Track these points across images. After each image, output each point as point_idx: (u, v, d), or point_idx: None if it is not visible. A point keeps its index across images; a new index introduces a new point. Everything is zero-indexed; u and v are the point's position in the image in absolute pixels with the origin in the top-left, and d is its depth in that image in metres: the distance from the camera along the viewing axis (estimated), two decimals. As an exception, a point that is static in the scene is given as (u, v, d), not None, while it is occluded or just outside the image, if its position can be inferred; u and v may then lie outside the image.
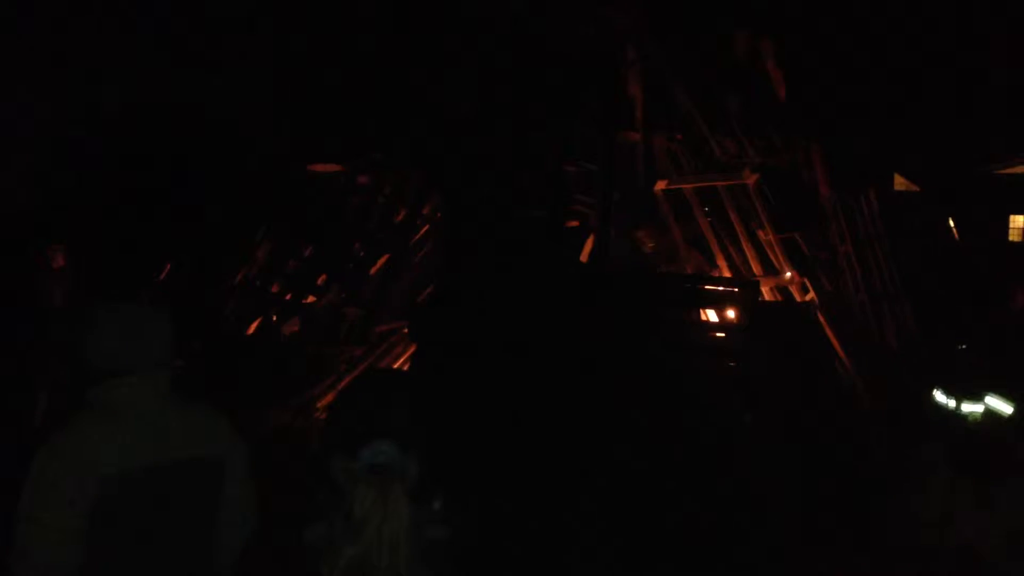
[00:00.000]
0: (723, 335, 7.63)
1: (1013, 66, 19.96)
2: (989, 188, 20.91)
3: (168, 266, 8.50)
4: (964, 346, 4.49)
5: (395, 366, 7.73)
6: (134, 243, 9.40)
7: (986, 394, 4.30)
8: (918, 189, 18.46)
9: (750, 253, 8.31)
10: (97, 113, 10.17)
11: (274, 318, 7.91)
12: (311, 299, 8.09)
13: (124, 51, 9.46)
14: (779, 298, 8.21)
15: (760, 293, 7.52)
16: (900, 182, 18.23)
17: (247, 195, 9.01)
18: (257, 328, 7.95)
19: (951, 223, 9.06)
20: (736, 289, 7.36)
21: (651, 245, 8.80)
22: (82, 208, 9.66)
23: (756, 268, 8.23)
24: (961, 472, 2.21)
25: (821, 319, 7.87)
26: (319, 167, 9.02)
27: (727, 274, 8.18)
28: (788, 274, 8.19)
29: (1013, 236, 21.26)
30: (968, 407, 3.29)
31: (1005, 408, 4.15)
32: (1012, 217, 21.43)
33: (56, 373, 5.58)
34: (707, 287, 7.74)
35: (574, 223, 8.50)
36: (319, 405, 7.32)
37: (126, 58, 9.56)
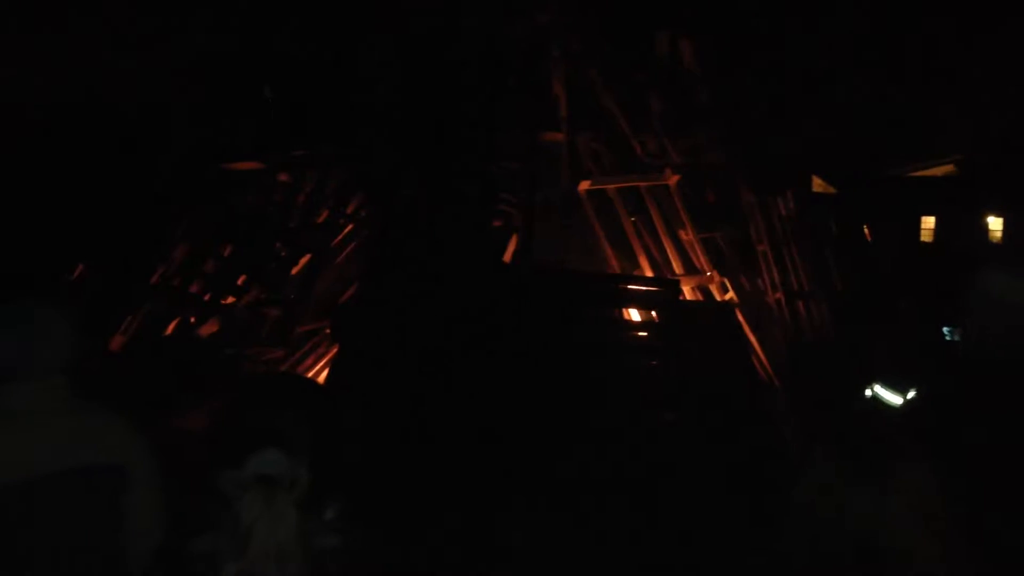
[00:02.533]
0: (645, 334, 7.73)
1: (926, 69, 20.64)
2: (902, 190, 21.62)
3: (80, 266, 8.24)
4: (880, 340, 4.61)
5: (317, 367, 7.64)
6: (40, 242, 9.10)
7: (878, 384, 4.43)
8: (834, 191, 18.97)
9: (672, 252, 8.42)
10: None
11: (192, 319, 7.73)
12: (231, 299, 7.93)
13: (27, 43, 9.12)
14: (700, 297, 8.33)
15: (681, 292, 7.63)
16: (818, 184, 18.71)
17: (164, 193, 8.79)
18: (174, 329, 7.76)
19: (864, 224, 9.33)
20: (658, 288, 7.46)
21: (574, 245, 8.85)
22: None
23: (677, 267, 8.35)
24: (854, 462, 2.29)
25: (740, 317, 8.02)
26: (238, 165, 8.85)
27: (649, 273, 8.27)
28: (708, 273, 8.32)
29: (924, 236, 22.01)
30: (894, 398, 3.40)
31: (894, 399, 4.29)
32: (924, 218, 22.19)
33: None
34: (630, 286, 7.83)
35: (498, 223, 8.50)
36: (238, 407, 7.18)
37: (30, 51, 9.22)
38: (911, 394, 4.06)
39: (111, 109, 9.90)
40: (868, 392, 4.68)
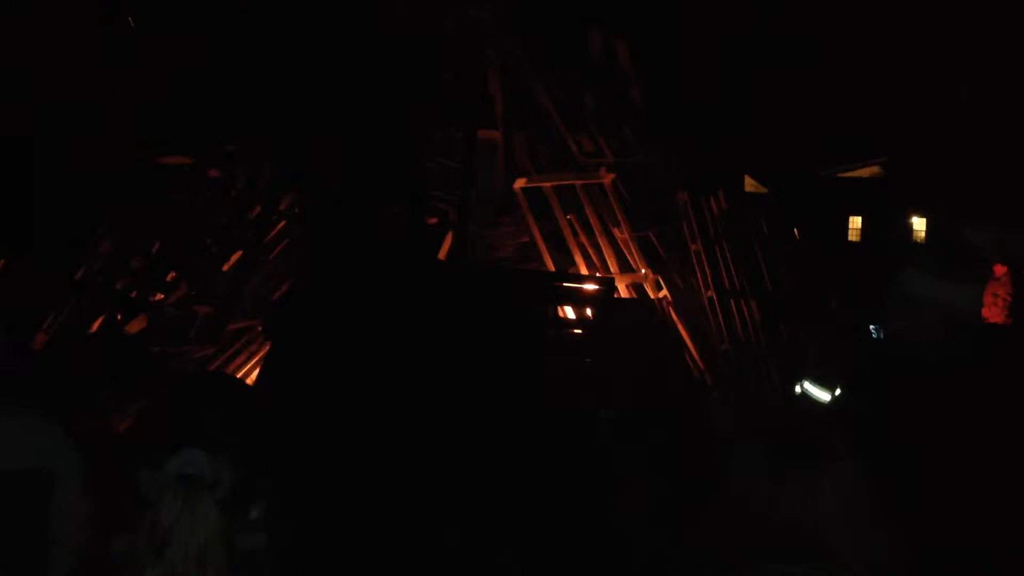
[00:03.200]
0: (580, 332, 7.76)
1: (855, 71, 21.14)
2: (830, 190, 22.13)
3: (1, 261, 7.98)
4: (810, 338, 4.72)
5: (249, 365, 7.52)
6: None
7: (807, 380, 4.53)
8: (766, 191, 19.32)
9: (607, 251, 8.48)
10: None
11: (118, 316, 7.53)
12: (159, 296, 7.75)
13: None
14: (634, 295, 8.41)
15: (616, 290, 7.68)
16: (750, 183, 19.02)
17: (88, 186, 8.54)
18: (99, 327, 7.55)
19: (794, 224, 9.53)
20: (593, 286, 7.50)
21: (510, 243, 8.87)
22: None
23: (612, 265, 8.41)
24: (785, 458, 2.33)
25: (672, 315, 8.12)
26: (167, 158, 8.65)
27: (584, 271, 8.32)
28: (643, 271, 8.40)
29: (852, 236, 22.57)
30: (822, 395, 3.47)
31: (822, 395, 4.38)
32: (851, 218, 22.75)
33: None
34: (565, 284, 7.85)
35: (433, 220, 8.46)
36: (167, 407, 7.03)
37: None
38: (839, 390, 4.15)
39: (35, 101, 9.60)
40: (798, 388, 4.77)
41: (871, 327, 5.24)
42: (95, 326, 7.62)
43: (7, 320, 2.55)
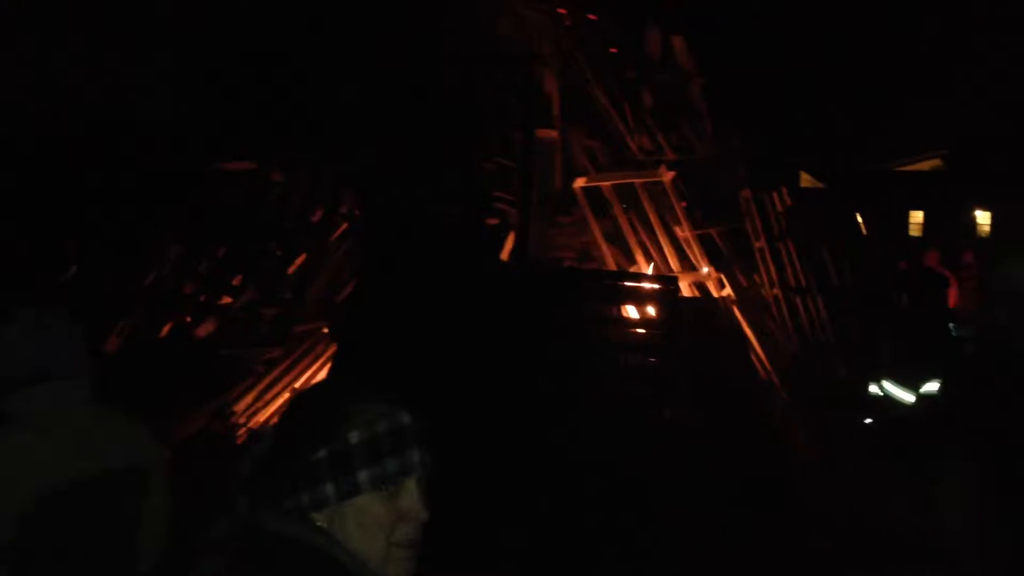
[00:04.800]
0: (643, 331, 7.72)
1: (911, 65, 20.76)
2: (889, 184, 21.71)
3: (73, 268, 8.17)
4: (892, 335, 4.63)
5: (315, 367, 7.59)
6: (34, 245, 9.02)
7: (886, 380, 4.45)
8: (822, 186, 19.05)
9: (668, 249, 8.42)
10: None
11: (188, 320, 7.67)
12: (227, 300, 7.87)
13: (19, 42, 9.03)
14: (696, 293, 8.34)
15: (679, 289, 7.62)
16: (806, 179, 18.78)
17: (157, 193, 8.71)
18: (170, 331, 7.70)
19: (859, 218, 9.36)
20: (655, 285, 7.45)
21: (570, 242, 8.85)
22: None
23: (674, 264, 8.35)
24: (896, 461, 2.27)
25: (737, 313, 8.03)
26: (231, 165, 8.79)
27: (646, 270, 8.27)
28: (705, 270, 8.33)
29: (913, 231, 22.13)
30: (905, 395, 3.40)
31: (906, 396, 4.30)
32: (912, 212, 22.31)
33: None
34: (627, 283, 7.81)
35: (494, 221, 8.48)
36: (236, 409, 7.14)
37: (22, 50, 9.12)
38: (924, 389, 4.07)
39: (102, 112, 9.82)
40: (875, 389, 4.70)
41: (949, 324, 5.13)
42: (165, 330, 7.77)
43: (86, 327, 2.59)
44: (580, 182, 8.63)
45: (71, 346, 2.45)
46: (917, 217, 22.41)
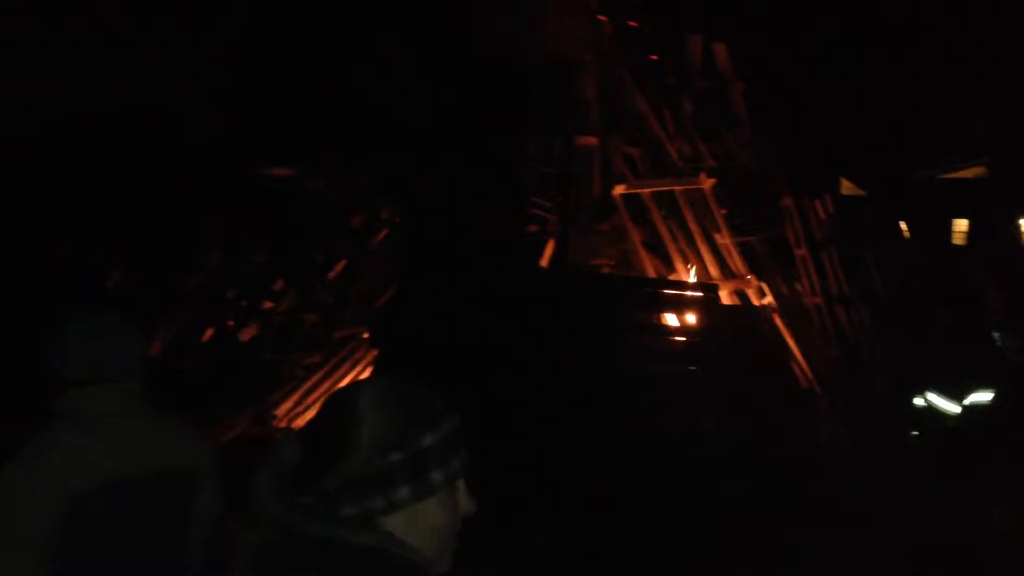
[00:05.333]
0: (683, 339, 7.69)
1: (953, 71, 20.47)
2: (931, 192, 21.39)
3: (119, 273, 8.30)
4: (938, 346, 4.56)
5: (355, 372, 7.64)
6: (78, 250, 9.19)
7: (930, 391, 4.38)
8: (863, 193, 18.81)
9: (708, 257, 8.37)
10: (30, 114, 9.88)
11: (230, 324, 7.76)
12: (268, 305, 7.96)
13: (59, 48, 9.20)
14: (737, 302, 8.27)
15: (719, 296, 7.57)
16: (847, 187, 18.58)
17: (199, 200, 8.84)
18: (212, 335, 7.79)
19: (903, 226, 9.24)
20: (695, 293, 7.42)
21: (609, 249, 8.83)
22: (15, 213, 9.37)
23: (714, 272, 8.29)
24: (946, 472, 2.23)
25: (778, 322, 7.96)
26: (273, 171, 8.89)
27: (686, 278, 8.23)
28: (746, 277, 8.26)
29: (956, 239, 21.77)
30: (950, 406, 3.35)
31: (951, 407, 4.24)
32: (955, 221, 21.95)
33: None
34: (666, 291, 7.78)
35: (533, 228, 8.48)
36: (277, 413, 7.20)
37: (62, 55, 9.29)
38: (970, 400, 4.01)
39: (146, 119, 9.99)
40: (919, 400, 4.63)
41: (995, 335, 5.04)
42: (208, 334, 7.87)
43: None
44: (619, 189, 8.60)
45: (126, 349, 2.49)
46: (961, 225, 22.05)
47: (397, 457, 1.45)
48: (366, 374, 7.38)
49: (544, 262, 8.11)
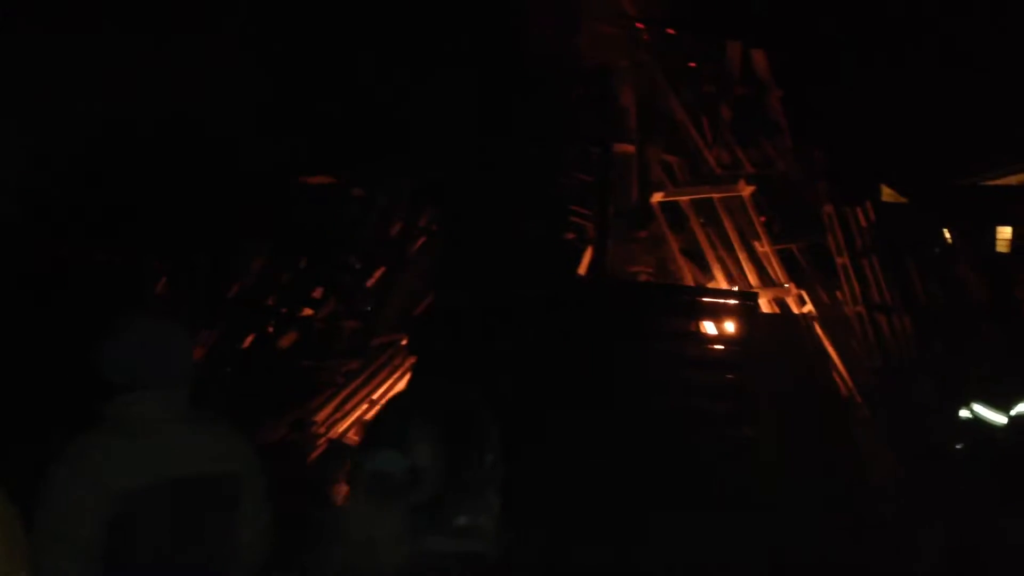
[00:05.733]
0: (721, 347, 7.64)
1: (996, 77, 20.14)
2: (975, 199, 21.04)
3: (163, 280, 8.43)
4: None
5: (393, 378, 7.69)
6: (124, 256, 9.33)
7: (976, 402, 4.31)
8: (905, 200, 18.55)
9: (747, 264, 8.31)
10: (76, 122, 10.04)
11: (270, 330, 7.85)
12: (308, 312, 8.03)
13: (103, 57, 9.34)
14: (776, 310, 8.21)
15: (758, 305, 7.52)
16: (888, 194, 18.33)
17: (240, 207, 8.94)
18: (252, 341, 7.88)
19: (945, 233, 9.11)
20: (734, 301, 7.37)
21: (647, 257, 8.80)
22: (63, 221, 9.54)
23: (753, 280, 8.23)
24: (992, 484, 2.19)
25: (818, 330, 7.88)
26: (313, 179, 8.98)
27: (724, 286, 8.18)
28: (786, 285, 8.20)
29: (1000, 247, 21.37)
30: (997, 417, 3.30)
31: (997, 418, 4.16)
32: (999, 228, 21.56)
33: None
34: (704, 299, 7.74)
35: (571, 235, 8.48)
36: (316, 419, 7.26)
37: (106, 64, 9.43)
38: (1017, 411, 3.94)
39: (188, 126, 10.11)
40: (965, 411, 4.56)
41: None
42: (248, 341, 7.96)
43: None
44: (657, 196, 8.59)
45: (174, 355, 2.53)
46: (1005, 233, 21.66)
47: (492, 459, 1.57)
48: (404, 381, 7.42)
49: (582, 270, 8.10)
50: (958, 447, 4.35)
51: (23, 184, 9.40)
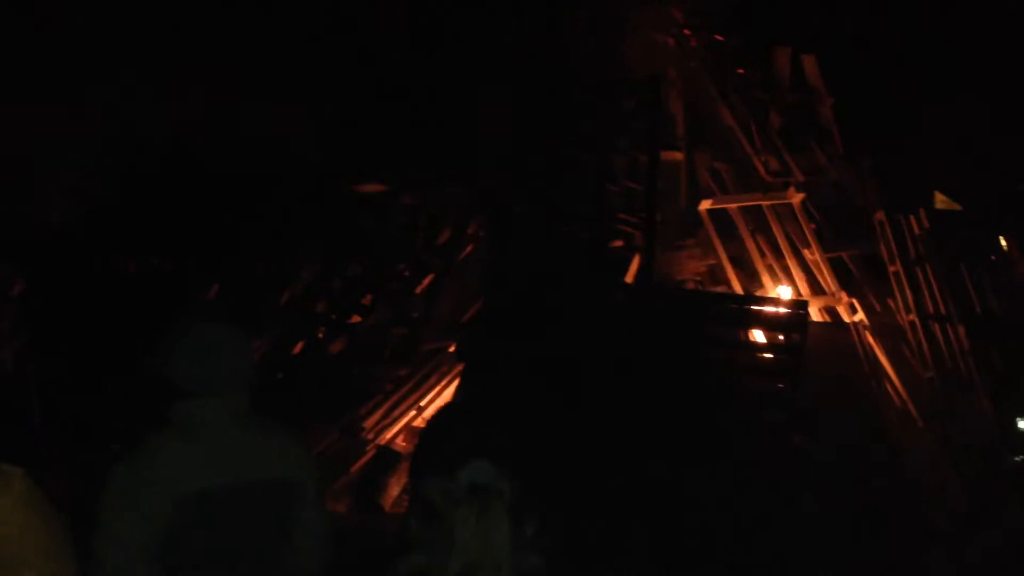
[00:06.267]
0: (771, 356, 7.57)
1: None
2: (1031, 206, 20.58)
3: (216, 286, 8.57)
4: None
5: (440, 386, 7.73)
6: (176, 264, 9.50)
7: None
8: (959, 208, 18.19)
9: (796, 273, 8.23)
10: (132, 130, 10.24)
11: (320, 337, 7.94)
12: (357, 319, 8.11)
13: (159, 64, 9.53)
14: (827, 318, 8.11)
15: (808, 313, 7.43)
16: (942, 200, 17.99)
17: (292, 215, 9.07)
18: (303, 347, 7.98)
19: (1003, 242, 8.91)
20: (784, 309, 7.30)
21: (695, 265, 8.76)
22: (123, 227, 9.74)
23: (803, 288, 8.15)
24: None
25: (871, 340, 7.77)
26: (363, 187, 9.07)
27: (773, 294, 8.11)
28: (836, 294, 8.10)
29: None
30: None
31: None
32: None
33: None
34: (754, 307, 7.67)
35: (619, 243, 8.47)
36: (364, 425, 7.32)
37: (160, 72, 9.62)
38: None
39: (238, 134, 10.26)
40: (1022, 422, 4.48)
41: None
42: (298, 347, 8.06)
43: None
44: (706, 204, 8.55)
45: (238, 361, 2.58)
46: (1063, 241, 21.18)
47: None
48: (452, 388, 7.46)
49: (629, 278, 8.08)
50: (1016, 459, 4.28)
51: (81, 191, 9.61)
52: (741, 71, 9.75)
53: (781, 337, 7.38)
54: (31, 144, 9.12)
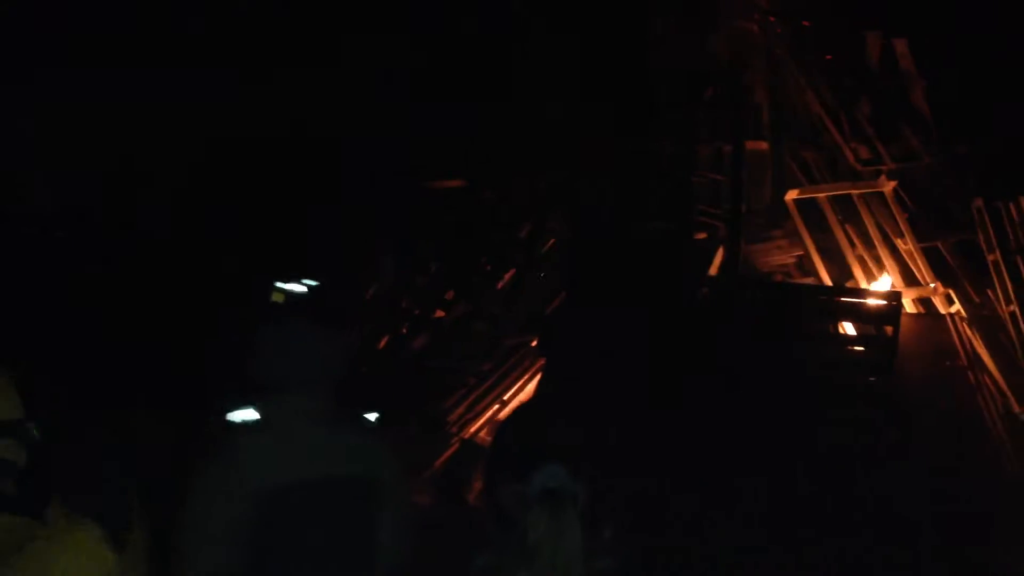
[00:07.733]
0: (863, 349, 7.37)
1: None
2: None
3: (300, 284, 8.70)
4: None
5: (523, 380, 7.73)
6: (262, 264, 9.67)
7: None
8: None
9: (889, 263, 7.99)
10: (215, 123, 10.45)
11: (404, 331, 8.02)
12: (440, 314, 8.17)
13: (233, 59, 9.71)
14: (921, 310, 7.85)
15: (902, 305, 7.20)
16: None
17: (376, 210, 9.16)
18: (387, 343, 8.07)
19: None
20: (876, 301, 7.10)
21: (783, 257, 8.58)
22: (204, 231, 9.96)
23: (896, 279, 7.90)
24: None
25: (969, 332, 7.49)
26: (444, 182, 9.12)
27: (865, 285, 7.88)
28: (931, 284, 7.83)
29: None
30: None
31: None
32: None
33: None
34: (844, 299, 7.49)
35: (702, 236, 8.34)
36: (449, 419, 7.37)
37: (239, 68, 9.79)
38: None
39: (322, 130, 10.38)
40: None
41: None
42: (383, 342, 8.15)
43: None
44: (792, 194, 8.35)
45: (323, 358, 2.60)
46: None
47: None
48: (534, 382, 7.46)
49: (714, 270, 7.95)
50: None
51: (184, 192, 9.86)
52: (829, 57, 9.48)
53: (873, 330, 7.18)
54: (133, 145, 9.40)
